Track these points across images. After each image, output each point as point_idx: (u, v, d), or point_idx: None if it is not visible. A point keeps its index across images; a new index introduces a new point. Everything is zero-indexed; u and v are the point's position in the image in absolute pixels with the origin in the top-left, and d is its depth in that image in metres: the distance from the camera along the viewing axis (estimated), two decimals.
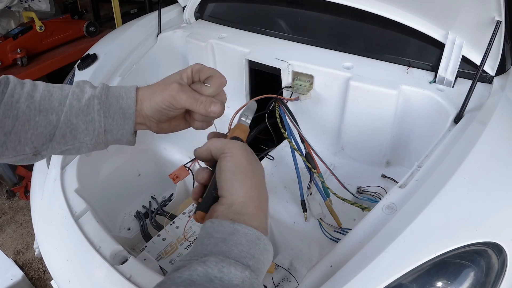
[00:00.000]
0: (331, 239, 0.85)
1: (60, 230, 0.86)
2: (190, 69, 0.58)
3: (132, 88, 0.57)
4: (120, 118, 0.55)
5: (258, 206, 0.46)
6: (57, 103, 0.54)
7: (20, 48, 2.26)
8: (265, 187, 0.49)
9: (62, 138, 0.54)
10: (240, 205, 0.45)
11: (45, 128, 0.53)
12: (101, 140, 0.56)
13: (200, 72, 0.58)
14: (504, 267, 0.63)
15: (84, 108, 0.54)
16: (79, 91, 0.55)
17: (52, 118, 0.53)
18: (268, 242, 0.43)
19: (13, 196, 2.19)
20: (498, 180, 0.70)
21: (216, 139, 0.53)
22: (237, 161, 0.48)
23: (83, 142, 0.55)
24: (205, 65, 0.59)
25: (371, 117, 1.01)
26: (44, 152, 0.55)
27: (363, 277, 0.58)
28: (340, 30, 1.17)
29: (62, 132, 0.54)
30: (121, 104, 0.55)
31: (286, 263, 0.96)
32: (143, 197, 1.22)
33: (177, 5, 1.50)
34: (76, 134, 0.54)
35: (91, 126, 0.54)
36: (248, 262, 0.40)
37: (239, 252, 0.40)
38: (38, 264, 1.82)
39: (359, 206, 0.86)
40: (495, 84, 0.93)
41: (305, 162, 0.92)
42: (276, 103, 1.02)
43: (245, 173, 0.47)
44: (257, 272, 0.41)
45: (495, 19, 0.85)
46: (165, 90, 0.55)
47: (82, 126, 0.54)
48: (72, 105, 0.54)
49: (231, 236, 0.41)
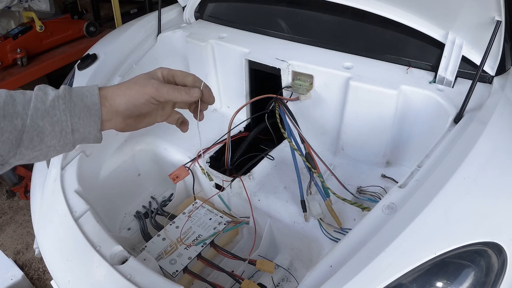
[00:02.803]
0: (331, 239, 0.85)
1: (60, 230, 0.86)
2: (160, 73, 0.62)
3: (94, 87, 0.59)
4: (86, 116, 0.56)
5: None
6: (21, 107, 0.53)
7: (20, 48, 2.26)
8: None
9: (29, 143, 0.54)
10: None
11: (10, 134, 0.52)
12: (68, 140, 0.56)
13: (175, 77, 0.63)
14: (504, 267, 0.63)
15: (50, 109, 0.54)
16: (42, 93, 0.55)
17: (17, 123, 0.53)
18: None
19: (13, 196, 2.19)
20: (498, 180, 0.70)
21: None
22: None
23: (51, 146, 0.55)
24: (172, 69, 0.64)
25: (371, 117, 1.01)
26: (11, 160, 0.54)
27: (363, 277, 0.58)
28: (340, 30, 1.17)
29: (29, 136, 0.54)
30: (86, 102, 0.57)
31: (286, 263, 0.96)
32: (143, 197, 1.22)
33: (177, 5, 1.50)
34: (44, 137, 0.54)
35: (58, 127, 0.55)
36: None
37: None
38: (38, 264, 1.82)
39: (359, 206, 0.86)
40: (495, 84, 0.93)
41: (305, 162, 0.92)
42: (276, 103, 1.02)
43: None
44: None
45: (495, 19, 0.85)
46: (145, 85, 0.59)
47: (48, 128, 0.54)
48: (37, 108, 0.54)
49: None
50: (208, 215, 1.04)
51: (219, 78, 1.30)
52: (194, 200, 1.11)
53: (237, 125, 1.23)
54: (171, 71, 0.63)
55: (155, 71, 0.62)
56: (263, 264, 0.87)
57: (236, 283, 0.87)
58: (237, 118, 1.10)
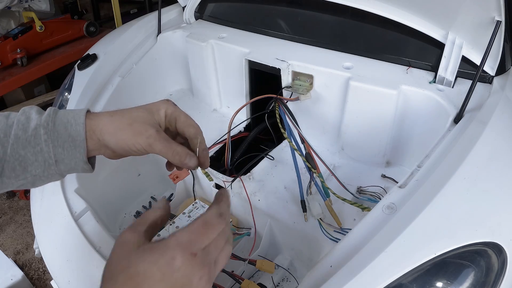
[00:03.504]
0: (331, 239, 0.85)
1: (60, 230, 0.86)
2: (164, 112, 0.54)
3: (81, 113, 0.52)
4: (70, 147, 0.51)
5: None
6: (2, 134, 0.49)
7: (20, 48, 2.27)
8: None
9: (12, 172, 0.50)
10: None
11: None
12: (53, 171, 0.51)
13: (177, 122, 0.55)
14: (504, 267, 0.63)
15: (31, 138, 0.49)
16: (24, 119, 0.50)
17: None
18: None
19: (13, 196, 2.19)
20: (498, 180, 0.70)
21: None
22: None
23: (36, 175, 0.51)
24: (178, 108, 0.55)
25: (371, 117, 1.01)
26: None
27: (363, 277, 0.58)
28: (340, 30, 1.17)
29: (11, 166, 0.49)
30: (70, 131, 0.51)
31: (286, 263, 0.96)
32: (143, 197, 1.22)
33: (177, 5, 1.50)
34: (27, 167, 0.50)
35: (41, 157, 0.50)
36: None
37: None
38: (38, 264, 1.82)
39: (359, 206, 0.86)
40: (495, 84, 0.93)
41: (305, 162, 0.92)
42: (276, 103, 1.02)
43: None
44: None
45: (495, 19, 0.85)
46: (140, 134, 0.51)
47: (31, 158, 0.50)
48: (17, 136, 0.49)
49: None
50: None
51: (219, 78, 1.30)
52: (194, 200, 1.11)
53: (237, 125, 1.23)
54: (175, 112, 0.55)
55: (158, 108, 0.54)
56: (263, 264, 0.87)
57: (236, 283, 0.87)
58: (237, 118, 1.10)
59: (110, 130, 0.51)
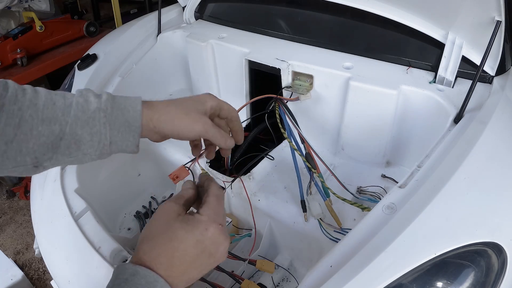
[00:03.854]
0: (331, 239, 0.85)
1: (60, 230, 0.86)
2: (210, 104, 0.61)
3: (138, 101, 0.57)
4: (126, 131, 0.55)
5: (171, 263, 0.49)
6: (60, 113, 0.52)
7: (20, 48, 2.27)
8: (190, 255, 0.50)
9: (66, 149, 0.53)
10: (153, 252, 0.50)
11: (47, 138, 0.52)
12: (105, 151, 0.55)
13: (221, 111, 0.63)
14: (504, 267, 0.63)
15: (90, 120, 0.53)
16: (83, 101, 0.54)
17: (54, 128, 0.52)
18: (166, 284, 0.47)
19: (13, 196, 2.19)
20: (498, 180, 0.70)
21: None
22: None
23: (87, 153, 0.55)
24: (220, 99, 0.63)
25: (371, 117, 1.01)
26: (46, 163, 0.53)
27: (363, 277, 0.58)
28: (340, 30, 1.17)
29: (66, 143, 0.53)
30: (127, 117, 0.55)
31: (286, 263, 0.96)
32: (143, 197, 1.22)
33: (177, 5, 1.50)
34: (81, 145, 0.54)
35: (96, 138, 0.54)
36: None
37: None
38: (38, 264, 1.82)
39: (359, 206, 0.86)
40: (495, 84, 0.93)
41: (305, 162, 0.92)
42: (276, 103, 1.02)
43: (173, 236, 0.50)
44: None
45: (495, 19, 0.85)
46: (196, 122, 0.58)
47: (87, 137, 0.53)
48: (77, 117, 0.53)
49: (132, 277, 0.46)
50: None
51: (219, 78, 1.30)
52: None
53: None
54: (220, 103, 0.62)
55: (205, 100, 0.61)
56: (263, 264, 0.87)
57: (236, 283, 0.87)
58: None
59: (167, 119, 0.57)
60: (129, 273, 0.47)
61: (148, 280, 0.46)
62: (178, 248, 0.49)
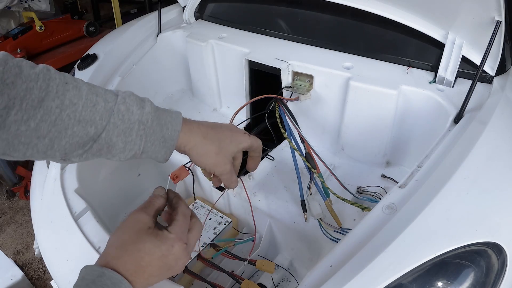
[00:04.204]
0: (331, 239, 0.85)
1: (60, 230, 0.86)
2: (242, 146, 0.67)
3: (178, 120, 0.59)
4: (159, 145, 0.57)
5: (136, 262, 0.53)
6: (98, 117, 0.52)
7: (20, 48, 2.27)
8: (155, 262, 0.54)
9: (97, 151, 0.54)
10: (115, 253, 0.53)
11: (81, 139, 0.52)
12: (135, 158, 0.57)
13: (250, 149, 0.70)
14: (504, 267, 0.63)
15: (127, 130, 0.54)
16: (124, 109, 0.54)
17: (90, 130, 0.52)
18: (130, 287, 0.50)
19: (13, 196, 2.19)
20: (498, 180, 0.70)
21: None
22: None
23: (116, 156, 0.56)
24: (251, 139, 0.69)
25: (371, 117, 1.01)
26: (74, 159, 0.54)
27: (363, 277, 0.58)
28: (340, 30, 1.17)
29: (99, 147, 0.53)
30: (164, 133, 0.57)
31: (286, 263, 0.96)
32: (143, 197, 1.22)
33: (177, 5, 1.50)
34: (112, 150, 0.55)
35: (129, 147, 0.55)
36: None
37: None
38: (38, 264, 1.82)
39: (359, 206, 0.86)
40: (495, 84, 0.93)
41: (305, 162, 0.92)
42: (276, 103, 1.02)
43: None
44: None
45: (495, 19, 0.85)
46: (218, 165, 0.64)
47: (120, 145, 0.54)
48: (116, 125, 0.53)
49: (100, 277, 0.49)
50: (208, 215, 1.04)
51: (219, 78, 1.30)
52: (194, 200, 1.11)
53: (237, 125, 1.22)
54: (251, 144, 0.69)
55: (240, 142, 0.66)
56: (263, 264, 0.87)
57: (236, 283, 0.87)
58: (237, 118, 1.10)
59: (198, 151, 0.61)
60: (96, 274, 0.49)
61: (113, 281, 0.49)
62: (144, 259, 0.53)
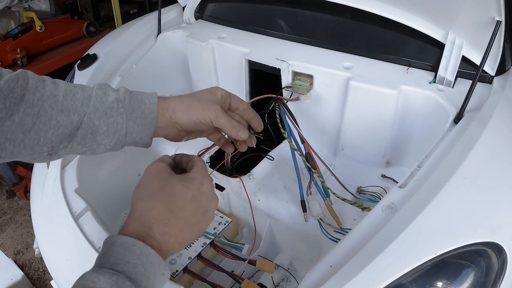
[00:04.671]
0: (331, 239, 0.85)
1: (60, 230, 0.86)
2: (220, 93, 0.63)
3: (153, 95, 0.59)
4: (142, 122, 0.57)
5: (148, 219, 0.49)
6: (79, 104, 0.54)
7: (20, 48, 2.26)
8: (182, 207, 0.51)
9: (82, 139, 0.54)
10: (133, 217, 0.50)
11: (65, 128, 0.53)
12: (120, 142, 0.57)
13: (231, 100, 0.65)
14: (504, 267, 0.63)
15: (108, 110, 0.55)
16: (102, 93, 0.56)
17: (73, 119, 0.53)
18: (146, 247, 0.45)
19: (13, 196, 2.19)
20: (498, 180, 0.70)
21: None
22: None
23: (101, 144, 0.56)
24: (227, 91, 0.65)
25: (371, 117, 1.01)
26: (60, 152, 0.55)
27: (363, 277, 0.58)
28: (340, 30, 1.17)
29: (83, 133, 0.54)
30: (143, 109, 0.57)
31: (286, 263, 0.96)
32: None
33: (177, 5, 1.50)
34: (96, 136, 0.55)
35: (113, 128, 0.55)
36: (123, 268, 0.43)
37: (115, 260, 0.44)
38: (38, 264, 1.82)
39: (359, 206, 0.86)
40: (495, 84, 0.93)
41: (305, 162, 0.92)
42: (276, 103, 1.02)
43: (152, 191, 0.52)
44: (135, 274, 0.44)
45: (495, 19, 0.85)
46: (208, 109, 0.59)
47: (103, 128, 0.55)
48: (96, 107, 0.54)
49: (111, 247, 0.45)
50: None
51: (219, 78, 1.30)
52: None
53: None
54: (229, 93, 0.65)
55: (215, 90, 0.63)
56: (263, 264, 0.87)
57: (236, 283, 0.87)
58: None
59: (181, 107, 0.59)
60: (108, 244, 0.46)
61: (125, 246, 0.45)
62: (177, 203, 0.50)
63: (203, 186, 0.53)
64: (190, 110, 0.59)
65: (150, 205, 0.49)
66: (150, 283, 0.45)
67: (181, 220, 0.50)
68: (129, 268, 0.43)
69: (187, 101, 0.60)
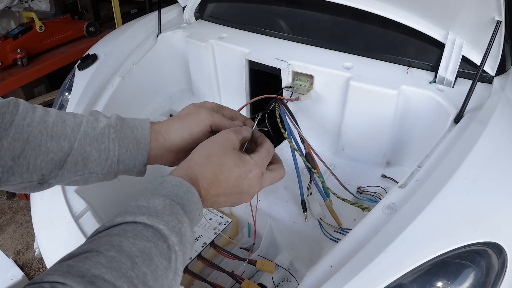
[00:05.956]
0: (331, 239, 0.85)
1: (60, 230, 0.86)
2: (210, 104, 0.65)
3: (146, 120, 0.59)
4: (134, 149, 0.57)
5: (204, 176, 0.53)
6: (70, 130, 0.53)
7: (20, 48, 2.27)
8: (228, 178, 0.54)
9: (73, 166, 0.53)
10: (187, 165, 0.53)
11: (55, 155, 0.52)
12: (112, 169, 0.56)
13: (223, 110, 0.66)
14: (504, 267, 0.63)
15: (99, 136, 0.54)
16: (93, 119, 0.55)
17: (64, 145, 0.52)
18: (191, 187, 0.50)
19: (13, 196, 2.19)
20: (498, 180, 0.70)
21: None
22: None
23: (94, 172, 0.55)
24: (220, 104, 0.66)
25: (371, 117, 1.01)
26: (51, 181, 0.54)
27: (363, 277, 0.58)
28: (340, 30, 1.17)
29: (74, 160, 0.53)
30: (136, 134, 0.57)
31: (286, 263, 0.96)
32: None
33: (177, 5, 1.50)
34: (88, 163, 0.54)
35: (104, 155, 0.55)
36: (173, 197, 0.48)
37: (165, 192, 0.48)
38: (38, 264, 1.82)
39: (359, 206, 0.86)
40: (495, 84, 0.93)
41: (305, 162, 0.92)
42: (276, 103, 1.02)
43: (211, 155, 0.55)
44: (182, 204, 0.48)
45: (495, 19, 0.85)
46: (199, 113, 0.61)
47: (95, 154, 0.54)
48: (86, 133, 0.54)
49: (161, 184, 0.49)
50: (208, 215, 1.04)
51: (219, 78, 1.30)
52: None
53: None
54: (219, 105, 0.66)
55: (205, 102, 0.65)
56: (263, 264, 0.87)
57: (236, 283, 0.87)
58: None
59: (174, 125, 0.60)
60: (158, 182, 0.50)
61: (174, 183, 0.49)
62: (223, 173, 0.53)
63: (251, 173, 0.55)
64: (183, 124, 0.60)
65: (203, 162, 0.53)
66: (192, 216, 0.49)
67: (220, 188, 0.53)
68: (177, 199, 0.48)
69: (176, 118, 0.61)
